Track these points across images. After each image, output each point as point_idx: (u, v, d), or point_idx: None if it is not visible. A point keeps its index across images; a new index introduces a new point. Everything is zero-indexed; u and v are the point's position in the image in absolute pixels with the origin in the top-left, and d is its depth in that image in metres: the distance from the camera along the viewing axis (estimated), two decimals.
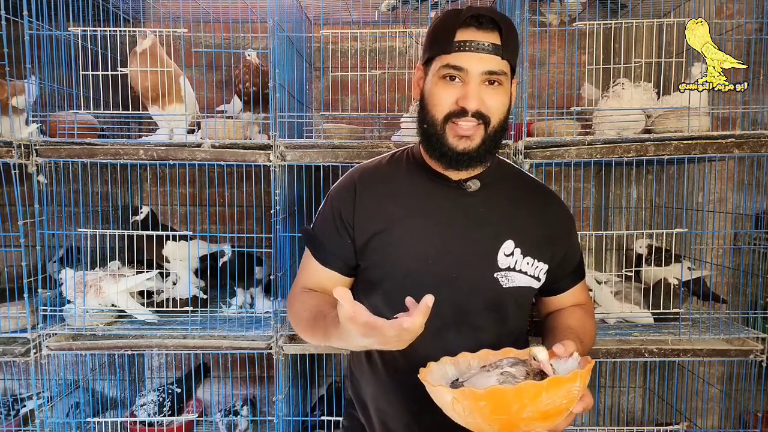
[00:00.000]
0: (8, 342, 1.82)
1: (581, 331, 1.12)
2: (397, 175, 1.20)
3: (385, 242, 1.13)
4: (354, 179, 1.20)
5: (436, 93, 1.08)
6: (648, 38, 1.88)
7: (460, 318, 1.11)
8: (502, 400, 0.80)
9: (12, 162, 1.74)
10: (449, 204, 1.15)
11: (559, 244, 1.20)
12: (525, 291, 1.15)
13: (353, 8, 2.23)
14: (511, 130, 1.81)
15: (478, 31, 1.04)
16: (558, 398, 0.81)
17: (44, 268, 2.06)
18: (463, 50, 1.04)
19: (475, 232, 1.13)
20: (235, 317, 1.99)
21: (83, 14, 1.89)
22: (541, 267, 1.16)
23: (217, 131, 1.89)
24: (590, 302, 1.32)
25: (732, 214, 2.22)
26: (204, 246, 2.07)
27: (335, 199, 1.19)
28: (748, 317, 1.89)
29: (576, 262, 1.26)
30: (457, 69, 1.05)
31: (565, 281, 1.25)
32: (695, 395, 2.35)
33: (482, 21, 1.04)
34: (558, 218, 1.22)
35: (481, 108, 1.05)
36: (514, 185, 1.22)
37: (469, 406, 0.82)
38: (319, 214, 1.23)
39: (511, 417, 0.81)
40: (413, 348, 0.99)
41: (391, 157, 1.24)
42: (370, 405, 1.22)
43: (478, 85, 1.05)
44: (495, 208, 1.16)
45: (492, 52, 1.04)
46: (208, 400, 2.55)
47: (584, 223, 2.50)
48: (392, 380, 1.16)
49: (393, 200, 1.16)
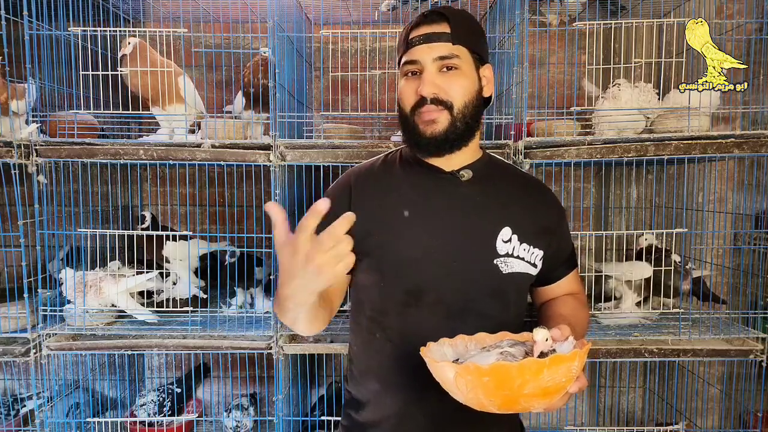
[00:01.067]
0: (8, 342, 1.82)
1: (574, 320, 1.14)
2: (392, 172, 1.23)
3: (384, 237, 1.15)
4: (349, 180, 1.23)
5: (402, 90, 1.15)
6: (648, 38, 1.88)
7: (464, 305, 1.13)
8: (505, 376, 0.82)
9: (12, 162, 1.74)
10: (445, 194, 1.18)
11: (553, 232, 1.23)
12: (524, 277, 1.18)
13: (353, 8, 2.23)
14: (511, 130, 1.81)
15: (425, 26, 1.12)
16: (558, 375, 0.84)
17: (44, 268, 2.06)
18: (414, 45, 1.12)
19: (473, 220, 1.16)
20: (235, 317, 1.99)
21: (83, 14, 1.89)
22: (538, 253, 1.19)
23: (217, 131, 1.89)
24: (582, 292, 1.34)
25: (732, 214, 2.22)
26: (204, 245, 2.08)
27: (330, 200, 1.19)
28: (748, 317, 1.89)
29: (569, 251, 1.30)
30: (412, 63, 1.12)
31: (559, 270, 1.28)
32: (695, 395, 2.35)
33: (428, 15, 1.13)
34: (550, 208, 1.26)
35: (438, 93, 1.11)
36: (507, 178, 1.26)
37: (472, 381, 0.84)
38: None
39: (513, 393, 0.84)
40: (420, 337, 1.01)
41: (385, 158, 1.28)
42: (371, 395, 1.21)
43: (433, 74, 1.11)
44: (490, 197, 1.19)
45: (440, 39, 1.11)
46: (208, 400, 2.55)
47: (584, 223, 2.50)
48: (396, 366, 1.17)
49: (389, 195, 1.19)
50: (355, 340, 1.26)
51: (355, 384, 1.26)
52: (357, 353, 1.25)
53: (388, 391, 1.18)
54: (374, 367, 1.21)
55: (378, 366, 1.20)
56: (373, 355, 1.21)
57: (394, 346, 1.16)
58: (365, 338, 1.22)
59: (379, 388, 1.20)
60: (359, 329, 1.23)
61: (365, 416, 1.22)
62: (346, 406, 1.29)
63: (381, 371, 1.19)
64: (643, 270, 1.90)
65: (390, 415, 1.18)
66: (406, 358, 1.14)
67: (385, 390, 1.19)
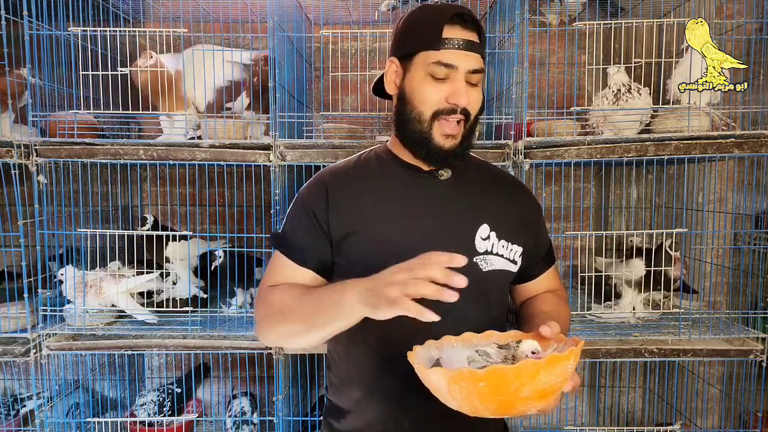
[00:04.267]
0: (8, 342, 1.82)
1: (557, 317, 1.12)
2: (369, 171, 1.20)
3: (362, 236, 1.13)
4: (324, 179, 1.19)
5: (424, 89, 1.09)
6: (648, 38, 1.88)
7: (446, 306, 1.10)
8: (501, 380, 0.80)
9: (12, 162, 1.74)
10: (423, 193, 1.16)
11: (530, 228, 1.23)
12: (504, 275, 1.17)
13: (353, 8, 2.23)
14: (511, 130, 1.81)
15: (464, 30, 1.07)
16: (554, 376, 0.82)
17: (44, 268, 2.05)
18: (452, 47, 1.06)
19: (451, 218, 1.15)
20: (235, 317, 1.99)
21: (83, 14, 1.89)
22: (516, 250, 1.18)
23: (217, 131, 1.89)
24: (563, 288, 1.34)
25: (732, 214, 2.21)
26: (204, 245, 2.07)
27: (306, 199, 1.18)
28: (748, 317, 1.89)
29: (546, 247, 1.30)
30: (447, 66, 1.06)
31: (538, 266, 1.28)
32: (695, 395, 2.35)
33: (466, 19, 1.07)
34: (527, 204, 1.26)
35: (467, 105, 1.08)
36: (483, 175, 1.25)
37: (467, 387, 0.81)
38: (289, 218, 1.21)
39: (509, 397, 0.81)
40: (400, 341, 0.99)
41: (359, 158, 1.24)
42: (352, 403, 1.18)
43: (464, 82, 1.08)
44: (468, 195, 1.18)
45: (475, 50, 1.08)
46: (208, 400, 2.55)
47: (584, 223, 2.50)
48: (377, 372, 1.14)
49: (366, 195, 1.16)
50: (334, 346, 1.23)
51: (335, 392, 1.22)
52: (336, 360, 1.22)
53: (371, 399, 1.15)
54: (354, 374, 1.17)
55: (358, 373, 1.17)
56: (353, 361, 1.17)
57: (374, 352, 1.14)
58: (344, 344, 1.18)
59: (361, 395, 1.16)
60: (338, 335, 1.15)
61: (347, 425, 1.18)
62: (327, 414, 1.25)
63: (362, 378, 1.16)
64: (638, 268, 1.92)
65: (373, 423, 1.15)
66: (388, 363, 1.12)
67: (366, 397, 1.16)
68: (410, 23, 1.13)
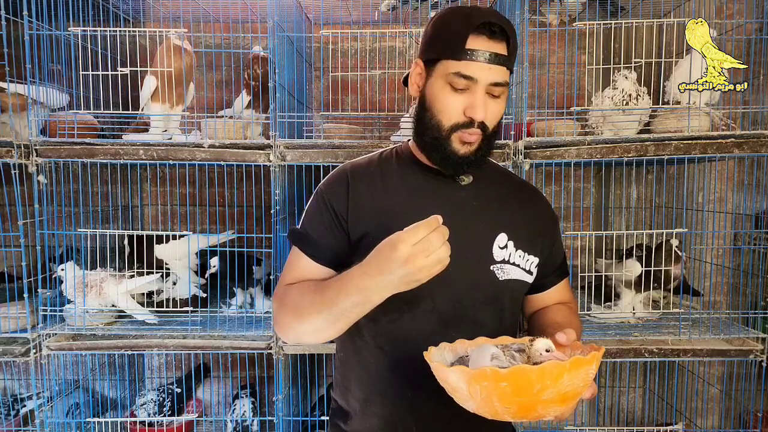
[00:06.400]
0: (8, 342, 1.82)
1: (569, 327, 1.10)
2: (389, 171, 1.18)
3: (379, 238, 1.08)
4: (346, 173, 1.18)
5: (443, 99, 1.07)
6: (648, 38, 1.88)
7: (459, 313, 1.10)
8: (524, 381, 0.78)
9: (12, 162, 1.74)
10: (443, 198, 1.15)
11: (547, 238, 1.22)
12: (519, 285, 1.16)
13: (353, 8, 2.23)
14: (511, 130, 1.81)
15: (490, 41, 1.03)
16: (577, 380, 0.80)
17: (44, 268, 2.05)
18: (474, 59, 1.02)
19: (470, 224, 1.13)
20: (235, 317, 1.99)
21: (83, 14, 1.89)
22: (533, 260, 1.17)
23: (217, 131, 1.89)
24: (574, 300, 1.33)
25: (732, 214, 2.21)
26: (203, 240, 2.05)
27: (326, 194, 1.16)
28: (748, 317, 1.89)
29: (561, 258, 1.28)
30: (466, 78, 1.03)
31: (551, 277, 1.26)
32: (695, 395, 2.35)
33: (494, 30, 1.02)
34: (544, 214, 1.25)
35: (485, 119, 1.06)
36: (503, 182, 1.24)
37: (488, 387, 0.79)
38: (308, 212, 1.20)
39: (530, 399, 0.79)
40: (412, 345, 0.98)
41: (380, 155, 1.23)
42: (360, 405, 1.18)
43: (483, 95, 1.04)
44: (487, 202, 1.17)
45: (500, 63, 1.04)
46: (208, 400, 2.55)
47: (584, 223, 2.50)
48: (387, 374, 1.13)
49: (386, 195, 1.15)
50: (342, 347, 1.22)
51: (342, 393, 1.21)
52: (345, 361, 1.21)
53: (379, 400, 1.14)
54: (363, 376, 1.16)
55: (367, 374, 1.16)
56: (362, 363, 1.16)
57: (385, 354, 1.13)
58: (354, 345, 1.17)
59: (369, 397, 1.15)
60: (348, 336, 1.15)
61: (354, 426, 1.18)
62: (333, 415, 1.24)
63: (371, 380, 1.15)
64: (634, 267, 1.92)
65: (381, 426, 1.14)
66: (398, 366, 1.11)
67: (375, 399, 1.15)
68: (438, 27, 1.09)
